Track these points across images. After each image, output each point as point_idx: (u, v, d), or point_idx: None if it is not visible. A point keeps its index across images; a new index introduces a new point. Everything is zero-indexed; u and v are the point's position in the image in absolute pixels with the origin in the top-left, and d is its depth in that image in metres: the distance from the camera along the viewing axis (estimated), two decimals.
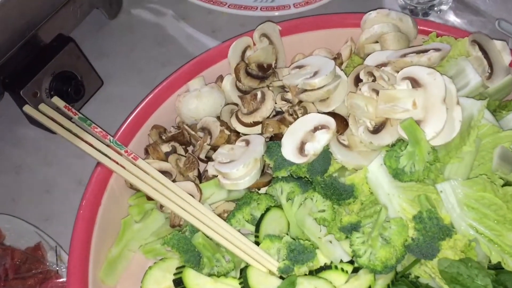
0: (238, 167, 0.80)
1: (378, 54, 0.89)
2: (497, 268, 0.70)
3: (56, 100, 0.90)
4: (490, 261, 0.72)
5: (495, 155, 0.75)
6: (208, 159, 0.90)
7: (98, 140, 0.85)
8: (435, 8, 1.14)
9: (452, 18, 1.16)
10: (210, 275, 0.78)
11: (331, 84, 0.83)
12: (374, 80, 0.83)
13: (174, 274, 0.78)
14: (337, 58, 0.95)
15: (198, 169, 0.89)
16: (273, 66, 0.96)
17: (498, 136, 0.77)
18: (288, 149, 0.80)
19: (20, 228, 0.86)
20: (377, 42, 0.94)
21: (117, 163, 0.83)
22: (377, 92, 0.80)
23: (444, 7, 1.15)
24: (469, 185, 0.73)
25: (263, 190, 0.86)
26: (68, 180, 0.99)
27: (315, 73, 0.84)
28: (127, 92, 1.08)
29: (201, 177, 0.90)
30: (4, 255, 0.81)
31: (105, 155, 0.84)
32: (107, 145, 0.85)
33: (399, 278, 0.73)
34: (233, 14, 1.13)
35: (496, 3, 1.16)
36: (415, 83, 0.79)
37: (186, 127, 0.92)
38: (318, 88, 0.83)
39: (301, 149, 0.80)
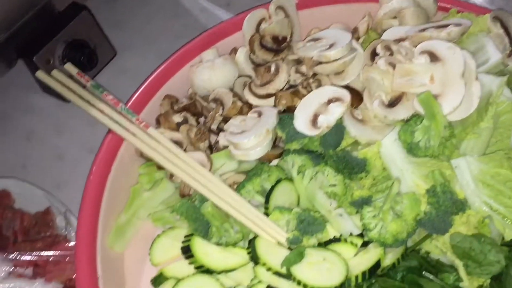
0: (250, 138, 0.79)
1: (396, 29, 0.88)
2: (511, 245, 0.69)
3: (69, 66, 0.90)
4: (503, 239, 0.70)
5: None
6: (220, 130, 0.89)
7: (110, 107, 0.85)
8: None
9: None
10: (218, 245, 0.78)
11: (347, 57, 0.82)
12: (391, 55, 0.82)
13: (183, 242, 0.78)
14: (353, 33, 0.93)
15: (209, 140, 0.88)
16: (288, 39, 0.94)
17: None
18: (301, 121, 0.79)
19: (30, 193, 0.86)
20: (395, 17, 0.92)
21: (128, 130, 0.83)
22: (393, 66, 0.79)
23: None
24: (485, 161, 0.71)
25: (274, 163, 0.85)
26: (79, 148, 0.99)
27: (331, 46, 0.83)
28: (140, 63, 1.07)
29: (212, 148, 0.89)
30: (13, 218, 0.81)
31: (117, 122, 0.83)
32: (119, 113, 0.85)
33: (409, 253, 0.72)
34: None
35: None
36: (433, 57, 0.77)
37: (199, 98, 0.91)
38: (334, 61, 0.82)
39: (314, 122, 0.79)
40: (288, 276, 0.70)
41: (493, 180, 0.70)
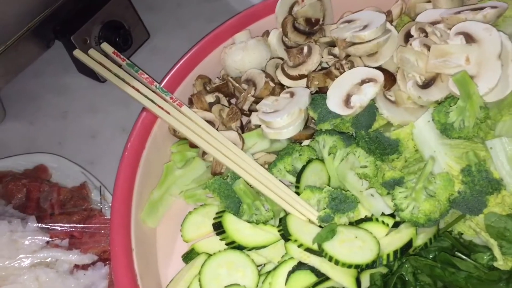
0: (282, 116, 0.80)
1: (431, 12, 0.87)
2: None
3: (105, 46, 0.92)
4: None
5: None
6: (251, 112, 0.90)
7: (145, 86, 0.86)
8: None
9: None
10: (249, 222, 0.79)
11: (381, 38, 0.82)
12: (425, 36, 0.81)
13: (214, 218, 0.79)
14: (386, 16, 0.93)
15: (241, 121, 0.89)
16: (320, 22, 0.94)
17: None
18: (334, 101, 0.80)
19: (66, 168, 0.89)
20: (429, 1, 0.92)
21: (162, 108, 0.85)
22: (428, 48, 0.78)
23: None
24: None
25: (305, 144, 0.86)
26: (112, 127, 1.01)
27: (365, 27, 0.83)
28: (173, 46, 1.09)
29: (244, 128, 0.90)
30: (50, 191, 0.84)
31: (151, 100, 0.85)
32: (153, 91, 0.86)
33: (441, 234, 0.72)
34: None
35: None
36: (469, 38, 0.76)
37: (231, 79, 0.92)
38: (368, 41, 0.82)
39: (347, 101, 0.79)
40: (320, 252, 0.70)
41: None
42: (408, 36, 0.84)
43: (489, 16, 0.80)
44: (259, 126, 0.85)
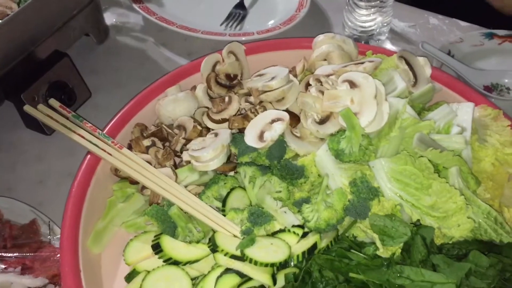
0: (208, 151, 0.96)
1: (326, 67, 1.09)
2: (416, 224, 0.87)
3: (53, 101, 1.06)
4: (412, 221, 0.88)
5: (415, 138, 0.93)
6: (182, 152, 1.06)
7: (89, 133, 1.00)
8: (374, 38, 1.36)
9: (389, 46, 1.38)
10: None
11: (286, 86, 1.02)
12: (321, 85, 1.02)
13: (153, 241, 0.91)
14: (291, 71, 1.14)
15: (174, 160, 1.04)
16: (238, 77, 1.14)
17: (418, 126, 0.95)
18: (250, 137, 0.97)
19: (17, 208, 0.98)
20: (325, 60, 1.14)
21: (105, 151, 0.98)
22: (322, 93, 0.99)
23: (382, 37, 1.37)
24: (394, 161, 0.90)
25: (229, 175, 1.01)
26: (59, 173, 1.12)
27: (273, 78, 1.03)
28: (112, 103, 1.24)
29: (177, 166, 1.04)
30: (3, 228, 0.93)
31: (95, 144, 0.99)
32: (97, 137, 1.00)
33: (340, 237, 0.89)
34: (206, 39, 1.33)
35: (424, 33, 1.40)
36: (352, 84, 0.98)
37: (164, 125, 1.08)
38: (275, 89, 1.01)
39: (261, 137, 0.97)
40: (242, 257, 0.84)
41: (401, 175, 0.89)
42: (307, 85, 1.05)
43: (368, 68, 1.03)
44: (190, 162, 1.00)
